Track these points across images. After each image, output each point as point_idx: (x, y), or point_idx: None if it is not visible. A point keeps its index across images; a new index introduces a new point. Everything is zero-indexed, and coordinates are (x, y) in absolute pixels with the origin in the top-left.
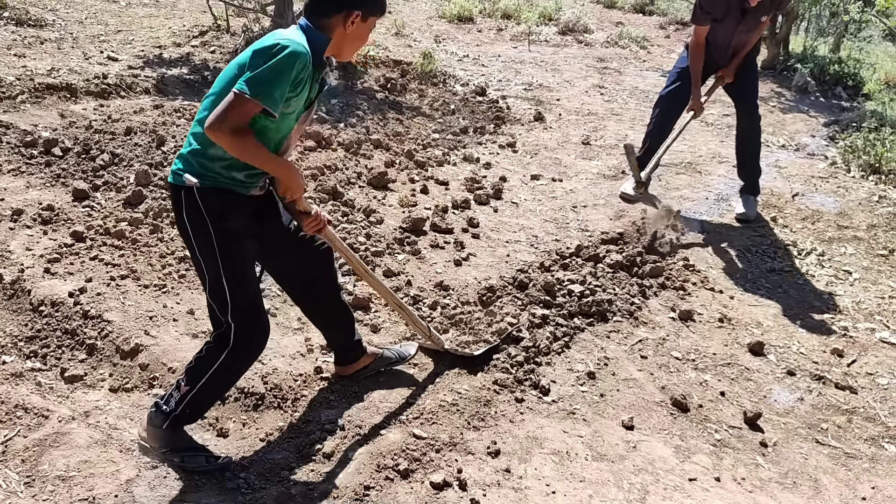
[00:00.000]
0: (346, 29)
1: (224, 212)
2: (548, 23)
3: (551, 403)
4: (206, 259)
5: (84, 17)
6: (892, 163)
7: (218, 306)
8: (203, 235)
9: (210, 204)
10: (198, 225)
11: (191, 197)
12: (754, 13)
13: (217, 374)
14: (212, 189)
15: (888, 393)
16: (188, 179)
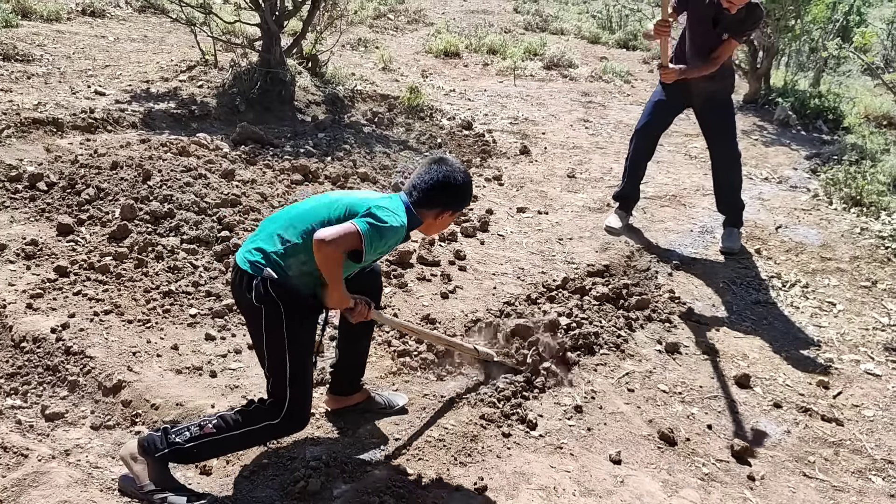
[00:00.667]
0: (436, 220)
1: (295, 300)
2: (533, 58)
3: (538, 438)
4: (272, 341)
5: (72, 52)
6: (872, 195)
7: (275, 381)
8: (273, 320)
9: (284, 296)
10: (270, 309)
11: (265, 286)
12: (724, 25)
13: (248, 434)
14: (284, 284)
15: (874, 425)
16: (268, 272)
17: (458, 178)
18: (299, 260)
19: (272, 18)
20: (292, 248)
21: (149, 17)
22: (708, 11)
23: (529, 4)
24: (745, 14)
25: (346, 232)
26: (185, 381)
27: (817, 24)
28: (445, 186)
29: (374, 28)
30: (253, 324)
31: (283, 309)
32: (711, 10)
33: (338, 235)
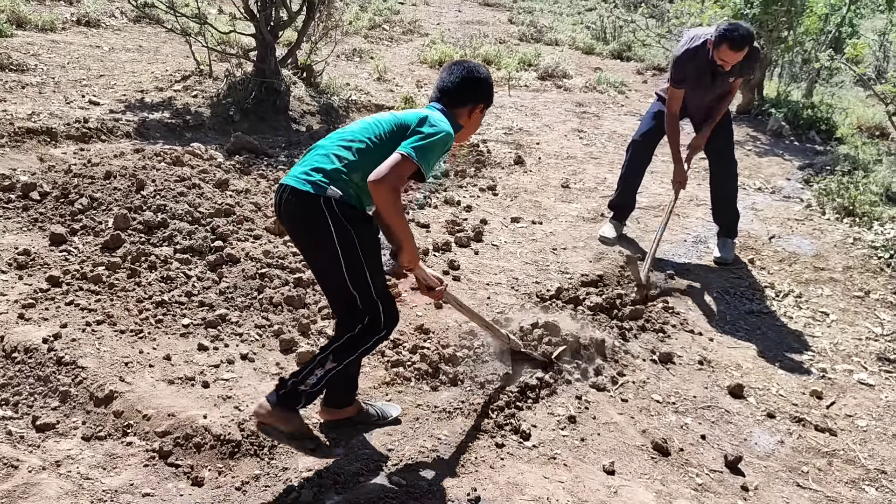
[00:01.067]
0: (470, 118)
1: (361, 218)
2: (527, 68)
3: (532, 448)
4: (349, 256)
5: (66, 62)
6: (865, 205)
7: (362, 295)
8: (345, 236)
9: (349, 212)
10: (340, 228)
11: (331, 206)
12: (725, 76)
13: (364, 352)
14: (348, 202)
15: (867, 435)
16: (333, 191)
17: (480, 70)
18: (359, 175)
19: (267, 29)
20: (351, 164)
21: (144, 27)
22: (706, 70)
23: (524, 15)
24: (743, 60)
25: (395, 163)
26: (178, 391)
27: (810, 36)
28: (472, 81)
29: (369, 38)
30: (319, 246)
31: (353, 227)
32: (709, 68)
33: (390, 169)
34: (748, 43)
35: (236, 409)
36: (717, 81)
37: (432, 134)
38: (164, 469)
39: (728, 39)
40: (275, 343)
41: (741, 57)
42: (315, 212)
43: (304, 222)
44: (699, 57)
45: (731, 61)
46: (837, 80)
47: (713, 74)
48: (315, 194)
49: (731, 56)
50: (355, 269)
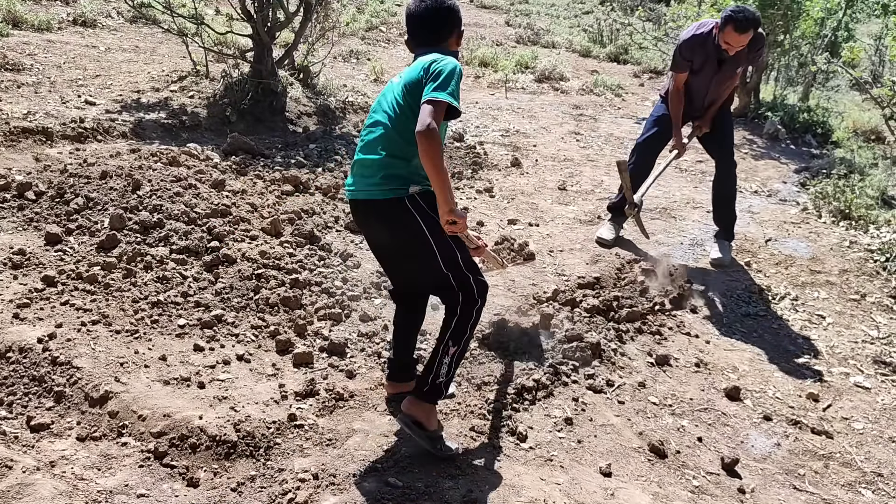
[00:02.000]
0: (453, 47)
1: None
2: (524, 71)
3: (528, 450)
4: (439, 241)
5: (62, 62)
6: (861, 209)
7: (455, 273)
8: (432, 224)
9: (429, 201)
10: (427, 218)
11: (414, 201)
12: (731, 63)
13: (473, 325)
14: (425, 192)
15: (864, 437)
16: (415, 189)
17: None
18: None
19: (264, 30)
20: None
21: (140, 28)
22: (713, 57)
23: (521, 18)
24: (748, 46)
25: (430, 111)
26: (173, 392)
27: (806, 40)
28: (454, 10)
29: (366, 40)
30: (415, 241)
31: (433, 213)
32: (716, 55)
33: (429, 117)
34: (753, 26)
35: (232, 409)
36: (722, 69)
37: (446, 72)
38: (159, 470)
39: (733, 21)
40: (271, 344)
41: (746, 41)
42: (402, 212)
43: (390, 226)
44: (707, 44)
45: (735, 45)
46: (833, 83)
47: (719, 62)
48: (396, 198)
49: (735, 39)
50: (446, 250)
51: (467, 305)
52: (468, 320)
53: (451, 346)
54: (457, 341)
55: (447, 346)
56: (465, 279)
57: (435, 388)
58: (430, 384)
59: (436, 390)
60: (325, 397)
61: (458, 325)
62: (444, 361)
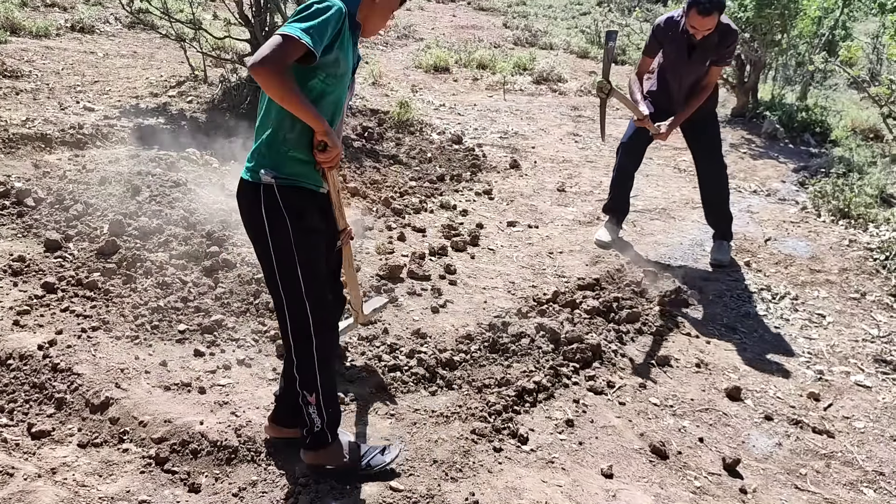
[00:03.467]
0: (374, 1)
1: (301, 208)
2: (522, 72)
3: (530, 452)
4: (282, 254)
5: (61, 68)
6: (860, 207)
7: (296, 309)
8: (280, 232)
9: (289, 200)
10: (275, 221)
11: (270, 194)
12: (700, 53)
13: (321, 363)
14: (289, 186)
15: (865, 436)
16: (265, 176)
17: None
18: (279, 138)
19: (262, 34)
20: (270, 123)
21: (138, 33)
22: (682, 43)
23: (519, 20)
24: (718, 38)
25: (271, 45)
26: (174, 397)
27: (803, 39)
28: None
29: (363, 43)
30: (259, 239)
31: (289, 218)
32: (685, 41)
33: (266, 51)
34: (717, 9)
35: (233, 414)
36: (693, 57)
37: (309, 8)
38: (160, 476)
39: (696, 4)
40: (271, 348)
41: (710, 24)
42: (253, 203)
43: (248, 213)
44: (676, 29)
45: (700, 28)
46: (832, 82)
47: (689, 49)
48: (252, 182)
49: (699, 21)
50: (288, 267)
51: (300, 345)
52: (311, 362)
53: (307, 394)
54: (310, 387)
55: (304, 395)
56: (302, 316)
57: (317, 437)
58: (310, 436)
59: (319, 437)
60: None
61: (300, 370)
62: (310, 411)
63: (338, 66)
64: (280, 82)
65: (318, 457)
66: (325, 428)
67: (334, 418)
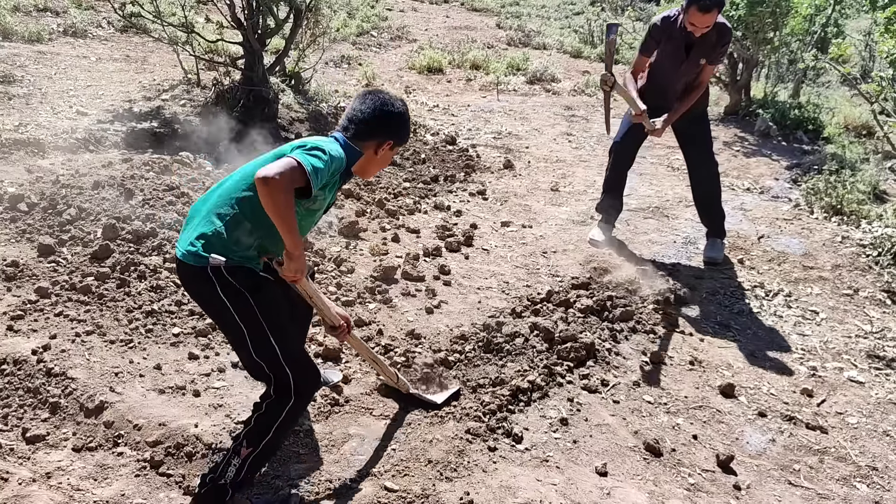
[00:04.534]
0: (377, 154)
1: (255, 283)
2: (516, 73)
3: (524, 451)
4: (249, 323)
5: (53, 73)
6: (853, 204)
7: (268, 362)
8: (242, 304)
9: (240, 278)
10: (234, 296)
11: (220, 275)
12: (698, 51)
13: (281, 427)
14: (238, 266)
15: (858, 432)
16: (215, 259)
17: (396, 105)
18: (245, 230)
19: (254, 37)
20: (232, 220)
21: (131, 37)
22: (680, 41)
23: (512, 20)
24: (716, 37)
25: (286, 165)
26: (168, 400)
27: (795, 37)
28: (385, 115)
29: (357, 45)
30: (218, 314)
31: (249, 295)
32: (683, 39)
33: (280, 169)
34: (717, 6)
35: (227, 417)
36: (690, 57)
37: (319, 148)
38: (155, 479)
39: (696, 2)
40: None
41: (710, 21)
42: (204, 283)
43: (198, 292)
44: (673, 28)
45: (700, 25)
46: (824, 80)
47: (687, 48)
48: (199, 267)
49: (699, 19)
50: (258, 334)
51: (277, 400)
52: (274, 420)
53: (244, 445)
54: (253, 442)
55: (241, 443)
56: (281, 373)
57: (217, 489)
58: (212, 483)
59: (218, 493)
60: (320, 403)
61: (259, 421)
62: (232, 461)
63: (315, 202)
64: (285, 200)
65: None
66: (230, 486)
67: (246, 483)
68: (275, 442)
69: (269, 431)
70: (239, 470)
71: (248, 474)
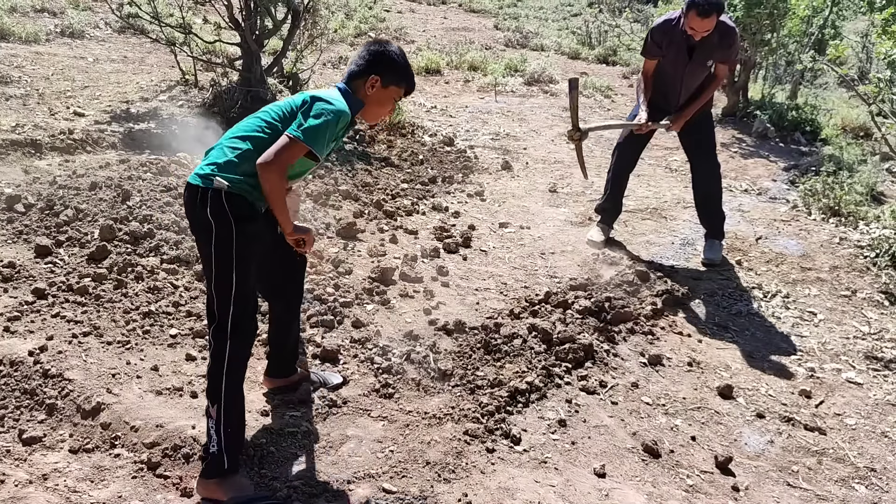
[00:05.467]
0: (367, 92)
1: (246, 215)
2: (514, 74)
3: (522, 453)
4: (221, 254)
5: (51, 74)
6: (850, 205)
7: (221, 297)
8: (224, 232)
9: (235, 206)
10: (221, 223)
11: (217, 198)
12: (701, 53)
13: (231, 372)
14: (237, 195)
15: (856, 433)
16: (219, 182)
17: (393, 48)
18: (252, 164)
19: (252, 38)
20: (244, 152)
21: (128, 38)
22: (682, 44)
23: (510, 21)
24: (718, 38)
25: (283, 145)
26: (166, 402)
27: (793, 38)
28: (381, 56)
29: (355, 46)
30: (203, 241)
31: (234, 224)
32: (684, 42)
33: (278, 151)
34: (716, 10)
35: None
36: (693, 58)
37: (320, 113)
38: (152, 481)
39: (696, 6)
40: (262, 351)
41: (710, 25)
42: (200, 203)
43: (194, 214)
44: (675, 31)
45: (699, 29)
46: (822, 81)
47: (689, 51)
48: (204, 187)
49: (698, 23)
50: (224, 266)
51: (217, 343)
52: (221, 366)
53: (210, 405)
54: (214, 397)
55: (208, 406)
56: (224, 311)
57: (211, 460)
58: (205, 457)
59: (214, 463)
60: (318, 404)
61: (210, 374)
62: (210, 428)
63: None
64: (278, 186)
65: (210, 489)
66: (222, 450)
67: (235, 440)
68: (232, 390)
69: (221, 379)
70: (218, 432)
71: (229, 430)
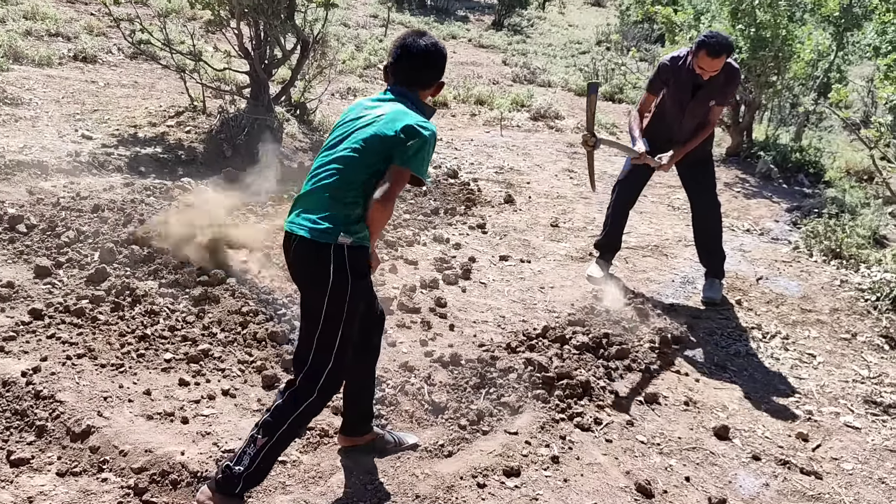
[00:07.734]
0: (431, 95)
1: (364, 271)
2: (520, 109)
3: (514, 489)
4: (333, 309)
5: (61, 97)
6: (852, 248)
7: (323, 349)
8: (340, 288)
9: (356, 261)
10: (339, 278)
11: (340, 254)
12: (705, 93)
13: (296, 421)
14: (359, 247)
15: (853, 478)
16: (344, 238)
17: (440, 44)
18: (361, 208)
19: (261, 67)
20: (355, 202)
21: (140, 64)
22: (687, 82)
23: (518, 57)
24: (724, 78)
25: (398, 181)
26: (156, 427)
27: (798, 81)
28: (443, 57)
29: (363, 78)
30: (316, 295)
31: (351, 280)
32: (690, 80)
33: (395, 188)
34: (726, 50)
35: (215, 445)
36: (696, 97)
37: (423, 141)
38: None
39: (706, 46)
40: (257, 379)
41: (719, 65)
42: (321, 261)
43: (309, 268)
44: (681, 69)
45: (709, 69)
46: (827, 124)
47: (694, 88)
48: (324, 243)
49: (708, 63)
50: (332, 326)
51: (301, 393)
52: (291, 411)
53: (260, 435)
54: (269, 432)
55: (258, 432)
56: (321, 364)
57: (230, 477)
58: (226, 470)
59: (230, 481)
60: (309, 434)
61: (277, 411)
62: (247, 450)
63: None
64: (388, 217)
65: (212, 500)
66: (243, 476)
67: (258, 476)
68: (288, 435)
69: (284, 423)
70: (252, 459)
71: (261, 465)
